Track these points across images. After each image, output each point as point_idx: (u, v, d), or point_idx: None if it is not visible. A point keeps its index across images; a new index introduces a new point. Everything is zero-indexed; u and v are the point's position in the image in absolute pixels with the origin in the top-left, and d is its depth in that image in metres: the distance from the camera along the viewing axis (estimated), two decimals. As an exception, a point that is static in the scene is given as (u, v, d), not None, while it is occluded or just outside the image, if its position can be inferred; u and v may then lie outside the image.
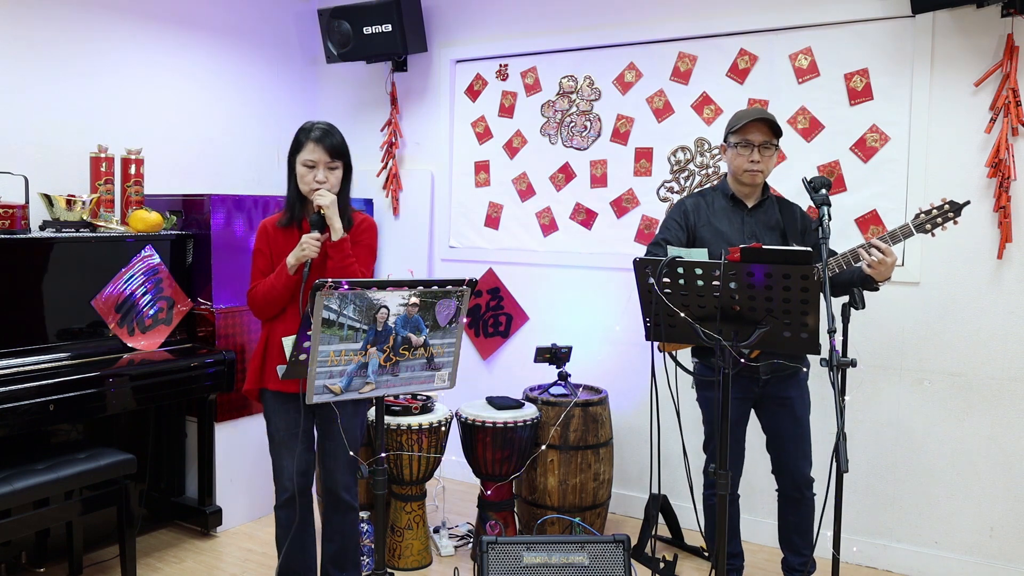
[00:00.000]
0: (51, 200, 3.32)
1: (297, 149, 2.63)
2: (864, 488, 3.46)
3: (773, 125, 2.77)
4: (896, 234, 2.63)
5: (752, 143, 2.76)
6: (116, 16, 3.85)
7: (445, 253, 4.53)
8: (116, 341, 3.40)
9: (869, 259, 2.60)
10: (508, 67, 4.27)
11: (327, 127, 2.66)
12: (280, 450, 2.69)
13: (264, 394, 2.71)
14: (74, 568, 3.17)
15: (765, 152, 2.77)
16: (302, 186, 2.63)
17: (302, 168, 2.62)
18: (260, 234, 2.72)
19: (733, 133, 2.80)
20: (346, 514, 2.77)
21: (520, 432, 3.36)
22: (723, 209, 2.86)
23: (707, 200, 2.90)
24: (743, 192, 2.86)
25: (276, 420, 2.69)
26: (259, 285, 2.66)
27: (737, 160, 2.80)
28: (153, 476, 3.71)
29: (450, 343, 2.40)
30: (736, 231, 2.82)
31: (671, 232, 2.85)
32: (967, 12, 3.16)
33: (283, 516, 2.72)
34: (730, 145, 2.83)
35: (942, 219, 2.62)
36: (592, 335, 4.06)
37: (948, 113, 3.24)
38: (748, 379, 2.78)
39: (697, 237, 2.84)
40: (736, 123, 2.79)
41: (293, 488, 2.67)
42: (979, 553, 3.25)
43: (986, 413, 3.22)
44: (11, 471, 2.77)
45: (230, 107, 4.43)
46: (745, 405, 2.87)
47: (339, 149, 2.65)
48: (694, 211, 2.87)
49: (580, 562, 2.70)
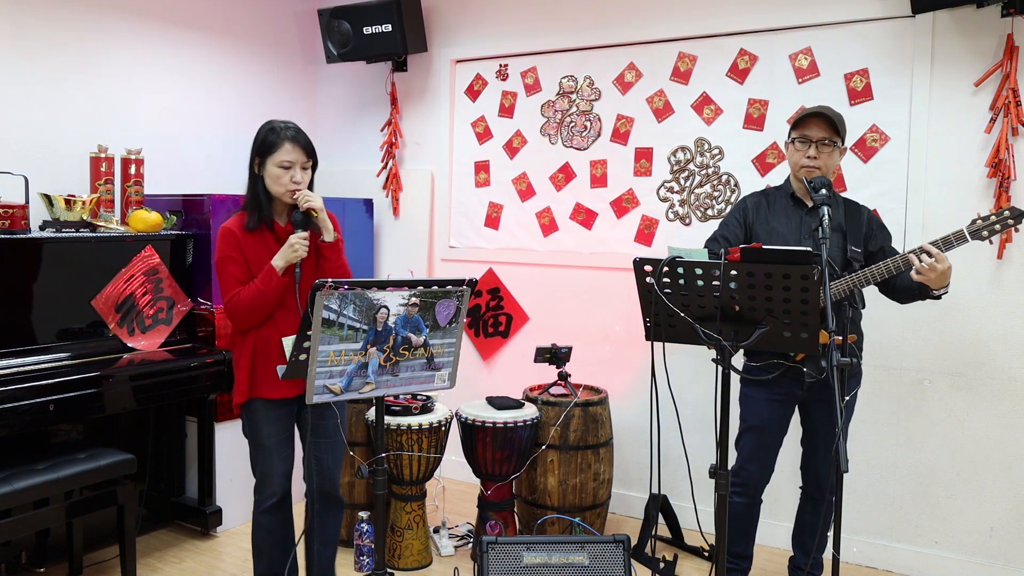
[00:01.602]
0: (51, 200, 3.32)
1: (270, 149, 2.52)
2: (864, 488, 3.46)
3: (833, 123, 2.70)
4: (950, 239, 2.48)
5: (810, 139, 2.71)
6: (116, 16, 3.85)
7: (445, 253, 4.53)
8: (116, 341, 3.40)
9: (919, 265, 2.49)
10: (508, 67, 4.27)
11: (295, 126, 2.58)
12: (270, 456, 2.62)
13: (253, 404, 2.61)
14: (74, 568, 3.17)
15: (824, 149, 2.71)
16: (276, 187, 2.54)
17: (277, 169, 2.52)
18: (228, 240, 2.54)
19: (793, 128, 2.75)
20: (338, 513, 2.79)
21: (520, 432, 3.36)
22: (784, 208, 2.82)
23: (769, 199, 2.87)
24: (803, 191, 2.79)
25: (267, 428, 2.61)
26: (241, 292, 2.51)
27: (795, 156, 2.75)
28: (153, 476, 3.71)
29: (450, 343, 2.40)
30: (793, 231, 2.77)
31: (730, 229, 2.85)
32: (967, 12, 3.16)
33: (269, 521, 2.65)
34: (789, 140, 2.78)
35: (1001, 226, 2.46)
36: (592, 335, 4.06)
37: (948, 113, 3.24)
38: (791, 381, 2.75)
39: (754, 234, 2.82)
40: (797, 118, 2.75)
41: (283, 489, 2.64)
42: (979, 553, 3.25)
43: (986, 413, 3.22)
44: (11, 471, 2.77)
45: (230, 107, 4.43)
46: (787, 408, 2.83)
47: (312, 148, 2.60)
48: (754, 209, 2.85)
49: (580, 562, 2.70)
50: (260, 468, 2.65)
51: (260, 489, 2.66)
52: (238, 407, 2.65)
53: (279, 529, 2.68)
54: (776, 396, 2.79)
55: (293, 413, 2.68)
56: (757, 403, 2.82)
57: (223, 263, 2.54)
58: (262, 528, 2.67)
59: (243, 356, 2.58)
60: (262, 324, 2.57)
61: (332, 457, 2.71)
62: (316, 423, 2.68)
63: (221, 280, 2.56)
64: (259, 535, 2.68)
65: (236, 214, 2.63)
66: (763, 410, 2.81)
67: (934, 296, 2.61)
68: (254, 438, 2.65)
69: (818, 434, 2.85)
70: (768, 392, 2.79)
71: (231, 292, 2.53)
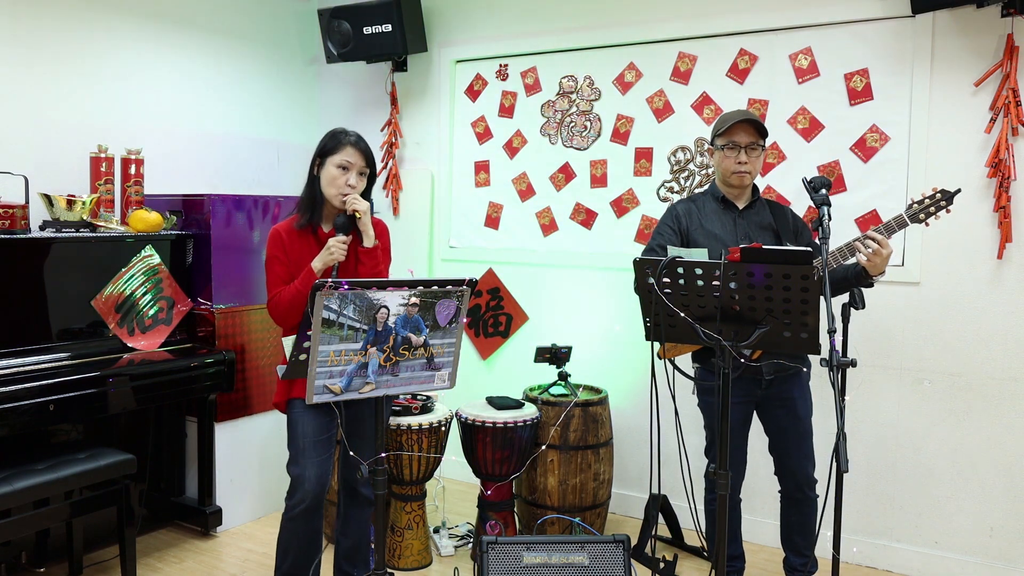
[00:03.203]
0: (51, 200, 3.32)
1: (332, 151, 2.61)
2: (864, 488, 3.46)
3: (759, 126, 2.78)
4: (891, 225, 2.62)
5: (739, 144, 2.77)
6: (116, 16, 3.85)
7: (445, 253, 4.53)
8: (116, 341, 3.40)
9: (865, 251, 2.60)
10: (508, 67, 4.27)
11: (358, 134, 2.67)
12: (304, 458, 2.58)
13: (292, 404, 2.62)
14: (74, 568, 3.17)
15: (752, 153, 2.78)
16: (331, 188, 2.60)
17: (335, 170, 2.59)
18: (275, 240, 2.65)
19: (719, 136, 2.81)
20: (364, 508, 2.79)
21: (520, 432, 3.36)
22: (714, 212, 2.86)
23: (698, 204, 2.90)
24: (733, 194, 2.87)
25: (303, 428, 2.59)
26: (282, 292, 2.59)
27: (725, 162, 2.81)
28: (153, 476, 3.71)
29: (450, 343, 2.40)
30: (729, 233, 2.82)
31: (665, 237, 2.86)
32: (967, 12, 3.16)
33: (297, 526, 2.60)
34: (717, 147, 2.84)
35: (935, 208, 2.62)
36: (592, 335, 4.06)
37: (948, 113, 3.24)
38: (750, 381, 2.79)
39: (691, 241, 2.85)
40: (721, 125, 2.80)
41: (315, 493, 2.57)
42: (979, 553, 3.25)
43: (986, 413, 3.22)
44: (11, 471, 2.77)
45: (230, 107, 4.43)
46: (748, 408, 2.87)
47: (372, 157, 2.68)
48: (686, 215, 2.88)
49: (580, 562, 2.70)
50: (294, 469, 2.60)
51: (292, 493, 2.59)
52: (277, 406, 2.68)
53: (307, 535, 2.62)
54: (737, 397, 2.78)
55: (333, 415, 2.63)
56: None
57: (269, 262, 2.66)
58: (290, 531, 2.62)
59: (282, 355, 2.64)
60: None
61: (362, 455, 2.65)
62: (353, 424, 2.66)
63: (267, 279, 2.67)
64: (286, 537, 2.63)
65: (290, 216, 2.71)
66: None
67: (867, 284, 2.70)
68: (291, 438, 2.63)
69: (786, 433, 2.85)
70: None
71: (273, 291, 2.63)
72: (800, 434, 2.84)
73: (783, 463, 2.89)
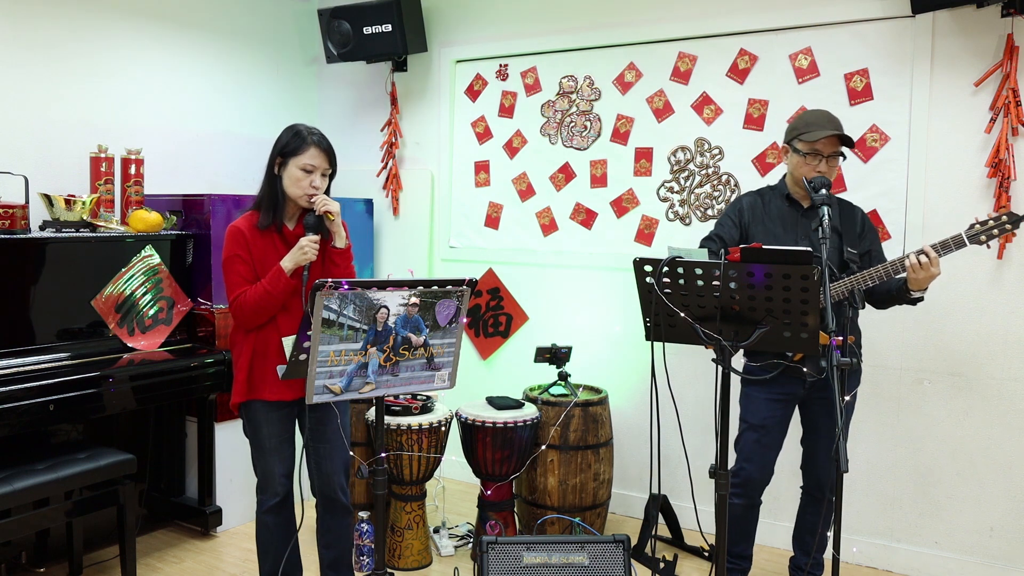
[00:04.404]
0: (51, 200, 3.32)
1: (295, 151, 2.52)
2: (864, 488, 3.46)
3: (844, 137, 2.70)
4: (948, 243, 2.50)
5: (821, 154, 2.69)
6: (116, 16, 3.85)
7: (445, 253, 4.53)
8: (116, 341, 3.40)
9: (913, 261, 2.50)
10: (508, 67, 4.27)
11: (320, 132, 2.59)
12: (271, 457, 2.61)
13: (251, 406, 2.60)
14: (74, 568, 3.17)
15: (831, 162, 2.72)
16: (295, 189, 2.53)
17: (298, 172, 2.52)
18: (236, 238, 2.54)
19: (801, 139, 2.71)
20: (343, 517, 2.75)
21: (520, 432, 3.36)
22: (779, 209, 2.83)
23: (764, 199, 2.87)
24: (800, 194, 2.81)
25: (267, 429, 2.60)
26: (248, 292, 2.50)
27: (803, 168, 2.72)
28: (153, 476, 3.71)
29: (450, 343, 2.40)
30: (789, 232, 2.79)
31: (725, 229, 2.86)
32: (967, 12, 3.16)
33: (272, 520, 2.65)
34: (794, 149, 2.75)
35: (998, 231, 2.48)
36: (592, 335, 4.06)
37: (948, 113, 3.24)
38: (792, 380, 2.76)
39: (750, 235, 2.83)
40: (807, 132, 2.70)
41: (285, 489, 2.63)
42: (979, 553, 3.25)
43: (986, 413, 3.22)
44: (11, 471, 2.77)
45: (230, 107, 4.43)
46: (788, 407, 2.84)
47: (335, 157, 2.61)
48: (749, 209, 2.86)
49: (580, 562, 2.70)
50: (261, 468, 2.65)
51: (262, 489, 2.66)
52: (235, 407, 2.64)
53: (283, 528, 2.67)
54: (777, 395, 2.79)
55: (293, 415, 2.67)
56: (758, 402, 2.82)
57: (230, 261, 2.54)
58: (266, 527, 2.67)
59: (242, 357, 2.58)
60: (263, 326, 2.56)
61: (331, 463, 2.67)
62: (316, 427, 2.66)
63: (227, 278, 2.55)
64: (264, 534, 2.67)
65: (246, 213, 2.62)
66: (764, 409, 2.81)
67: (911, 300, 2.64)
68: (254, 439, 2.64)
69: (818, 433, 2.85)
70: (769, 391, 2.80)
71: (237, 291, 2.52)
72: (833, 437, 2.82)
73: (809, 460, 2.91)
